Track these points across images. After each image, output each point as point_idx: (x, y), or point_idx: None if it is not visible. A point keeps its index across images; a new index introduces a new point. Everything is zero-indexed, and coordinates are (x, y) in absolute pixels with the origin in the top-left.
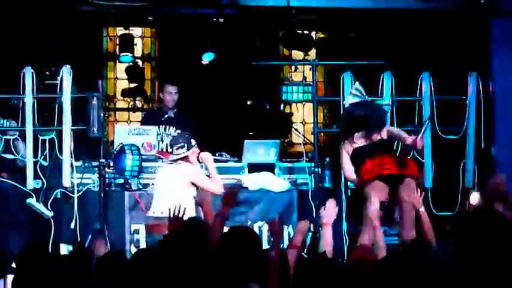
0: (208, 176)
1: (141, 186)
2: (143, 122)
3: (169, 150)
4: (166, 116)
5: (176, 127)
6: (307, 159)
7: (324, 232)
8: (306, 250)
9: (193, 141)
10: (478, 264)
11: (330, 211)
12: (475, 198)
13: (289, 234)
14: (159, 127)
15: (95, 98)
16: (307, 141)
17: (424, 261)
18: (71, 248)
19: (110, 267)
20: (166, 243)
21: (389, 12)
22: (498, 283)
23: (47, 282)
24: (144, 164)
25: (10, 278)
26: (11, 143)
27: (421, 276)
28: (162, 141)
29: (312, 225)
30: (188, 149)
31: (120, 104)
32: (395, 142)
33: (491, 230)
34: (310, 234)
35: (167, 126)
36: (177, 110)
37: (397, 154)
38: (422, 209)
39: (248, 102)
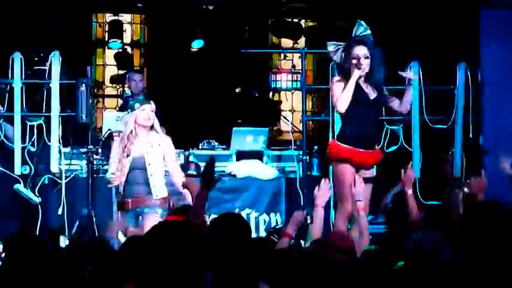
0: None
1: None
2: (120, 110)
3: None
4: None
5: None
6: (295, 147)
7: (315, 214)
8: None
9: (137, 105)
10: (465, 254)
11: (323, 192)
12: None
13: (276, 221)
14: None
15: (83, 85)
16: (296, 129)
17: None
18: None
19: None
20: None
21: (378, 1)
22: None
23: (37, 270)
24: None
25: None
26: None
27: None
28: None
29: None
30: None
31: (109, 90)
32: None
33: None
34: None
35: None
36: (143, 96)
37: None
38: (410, 191)
39: (237, 90)
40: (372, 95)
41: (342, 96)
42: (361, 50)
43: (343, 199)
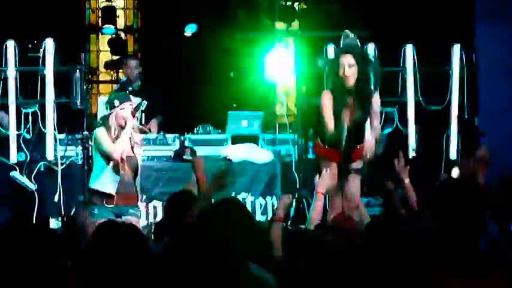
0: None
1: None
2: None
3: None
4: (130, 89)
5: (141, 98)
6: (290, 130)
7: (315, 200)
8: (290, 222)
9: (116, 102)
10: (454, 233)
11: (323, 182)
12: (455, 172)
13: (272, 205)
14: None
15: (77, 71)
16: (291, 113)
17: (405, 231)
18: (59, 222)
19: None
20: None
21: None
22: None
23: (35, 257)
24: None
25: None
26: None
27: (401, 246)
28: None
29: (295, 197)
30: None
31: (103, 76)
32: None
33: (467, 201)
34: (293, 207)
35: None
36: (141, 81)
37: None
38: (407, 181)
39: (231, 74)
40: (356, 113)
41: (330, 118)
42: (345, 59)
43: (330, 192)
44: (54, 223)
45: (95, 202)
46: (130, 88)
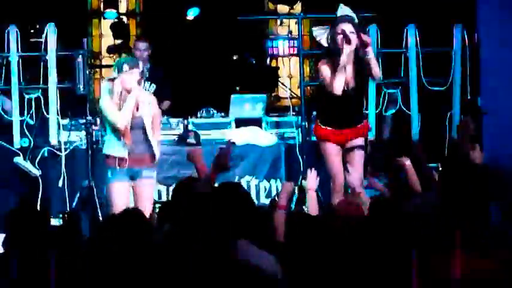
0: None
1: None
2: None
3: None
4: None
5: (150, 81)
6: (294, 113)
7: (308, 197)
8: (294, 206)
9: (125, 67)
10: (454, 213)
11: (311, 179)
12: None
13: (276, 188)
14: None
15: (80, 56)
16: (294, 95)
17: (406, 211)
18: (60, 220)
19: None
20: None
21: None
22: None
23: (39, 242)
24: None
25: (1, 236)
26: None
27: (404, 225)
28: None
29: (300, 180)
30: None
31: (106, 60)
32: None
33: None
34: (295, 196)
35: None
36: (150, 64)
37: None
38: (408, 162)
39: (234, 57)
40: (351, 83)
41: (337, 80)
42: (346, 26)
43: (331, 175)
44: (55, 221)
45: (109, 166)
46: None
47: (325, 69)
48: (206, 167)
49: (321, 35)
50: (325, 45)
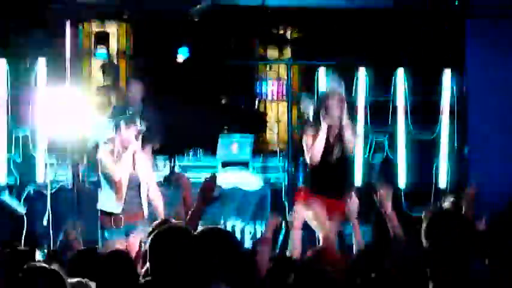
0: None
1: None
2: (111, 117)
3: None
4: (130, 111)
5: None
6: (281, 157)
7: (291, 236)
8: (279, 247)
9: (122, 125)
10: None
11: (299, 215)
12: (448, 202)
13: (261, 232)
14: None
15: None
16: (281, 140)
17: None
18: (44, 253)
19: (83, 265)
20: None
21: (364, 11)
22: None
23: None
24: None
25: None
26: None
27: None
28: None
29: (284, 222)
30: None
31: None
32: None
33: (455, 231)
34: (283, 233)
35: None
36: (142, 104)
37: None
38: (389, 210)
39: (223, 101)
40: (336, 152)
41: (313, 148)
42: (331, 100)
43: (320, 229)
44: (39, 255)
45: (105, 226)
46: (130, 111)
47: (308, 139)
48: (191, 197)
49: (307, 106)
50: (311, 115)
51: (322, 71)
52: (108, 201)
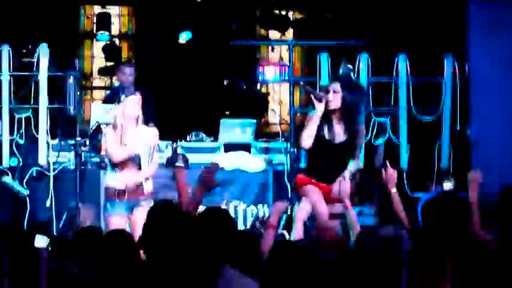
0: None
1: None
2: (105, 102)
3: None
4: (124, 95)
5: None
6: (283, 139)
7: (295, 228)
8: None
9: (122, 97)
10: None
11: (300, 211)
12: (447, 185)
13: (264, 213)
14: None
15: (71, 77)
16: (284, 121)
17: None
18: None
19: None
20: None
21: None
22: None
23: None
24: None
25: None
26: None
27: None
28: None
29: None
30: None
31: (97, 82)
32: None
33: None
34: (285, 215)
35: None
36: (134, 87)
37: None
38: (394, 190)
39: (225, 82)
40: (340, 136)
41: (304, 133)
42: (332, 85)
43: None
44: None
45: (108, 198)
46: (124, 95)
47: (306, 120)
48: (188, 188)
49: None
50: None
51: (324, 55)
52: (111, 176)
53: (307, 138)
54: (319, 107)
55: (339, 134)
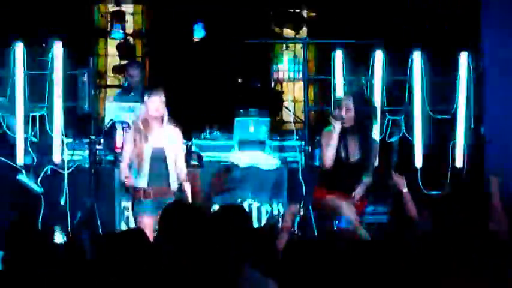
0: None
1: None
2: (115, 100)
3: None
4: (132, 94)
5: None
6: (297, 137)
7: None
8: (296, 229)
9: (146, 97)
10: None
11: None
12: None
13: (278, 211)
14: None
15: (85, 75)
16: (298, 120)
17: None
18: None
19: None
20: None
21: None
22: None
23: (38, 260)
24: None
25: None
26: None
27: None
28: None
29: (301, 204)
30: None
31: (111, 80)
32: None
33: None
34: (299, 216)
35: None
36: (142, 88)
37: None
38: (405, 190)
39: (239, 80)
40: (355, 155)
41: (327, 154)
42: (345, 102)
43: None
44: (59, 236)
45: (135, 198)
46: (132, 93)
47: (324, 137)
48: (200, 189)
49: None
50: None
51: (338, 54)
52: (136, 177)
53: (330, 160)
54: (337, 126)
55: (353, 152)
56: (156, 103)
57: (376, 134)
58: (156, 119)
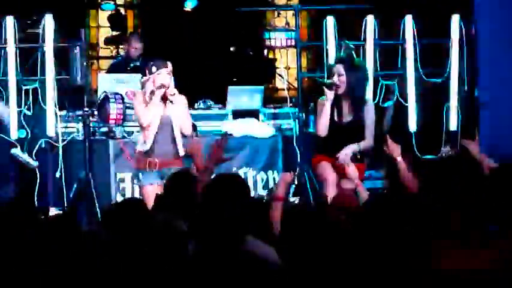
0: None
1: (125, 134)
2: (109, 72)
3: None
4: (132, 65)
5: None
6: (291, 104)
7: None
8: (291, 195)
9: (153, 68)
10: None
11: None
12: (448, 150)
13: (274, 179)
14: None
15: (77, 47)
16: (291, 87)
17: (405, 205)
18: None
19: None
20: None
21: None
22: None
23: (34, 238)
24: (128, 112)
25: None
26: None
27: (402, 220)
28: None
29: (296, 171)
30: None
31: (103, 52)
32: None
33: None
34: (293, 185)
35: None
36: (142, 58)
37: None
38: (399, 158)
39: (231, 49)
40: (348, 117)
41: (320, 122)
42: (337, 68)
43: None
44: (54, 211)
45: (139, 168)
46: (131, 64)
47: (319, 105)
48: (203, 161)
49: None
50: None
51: (330, 20)
52: (141, 141)
53: (324, 127)
54: (330, 95)
55: (347, 114)
56: (164, 75)
57: (369, 98)
58: (162, 89)
